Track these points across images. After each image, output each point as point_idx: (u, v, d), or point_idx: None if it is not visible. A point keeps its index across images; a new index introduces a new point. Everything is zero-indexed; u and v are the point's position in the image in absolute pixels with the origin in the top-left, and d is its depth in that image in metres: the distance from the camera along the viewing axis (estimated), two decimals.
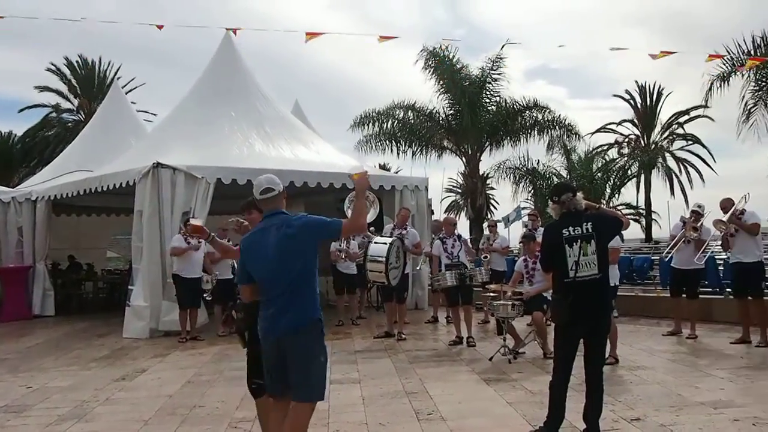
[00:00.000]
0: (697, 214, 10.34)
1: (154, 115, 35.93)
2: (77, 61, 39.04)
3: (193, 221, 6.36)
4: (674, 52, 13.66)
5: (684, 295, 10.62)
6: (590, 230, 5.35)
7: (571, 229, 5.38)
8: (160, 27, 11.94)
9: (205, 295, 11.76)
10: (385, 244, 10.58)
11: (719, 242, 10.35)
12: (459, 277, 10.37)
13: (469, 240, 12.63)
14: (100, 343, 11.70)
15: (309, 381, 4.34)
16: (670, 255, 10.78)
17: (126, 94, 25.80)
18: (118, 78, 36.84)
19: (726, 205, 9.74)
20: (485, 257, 12.31)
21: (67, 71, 38.98)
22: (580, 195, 5.54)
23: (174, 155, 12.82)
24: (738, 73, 17.48)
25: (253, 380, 4.88)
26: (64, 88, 39.12)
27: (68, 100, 39.38)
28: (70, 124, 38.10)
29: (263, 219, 4.59)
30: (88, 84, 38.90)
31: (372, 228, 11.86)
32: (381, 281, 10.54)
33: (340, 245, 12.91)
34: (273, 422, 4.58)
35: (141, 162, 12.73)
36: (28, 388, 8.15)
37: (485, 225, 14.22)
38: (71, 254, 18.86)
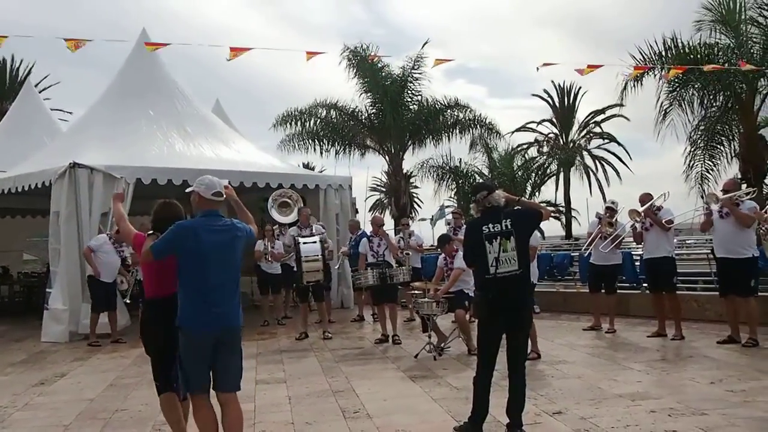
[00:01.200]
0: (612, 210, 10.70)
1: (70, 113, 34.88)
2: None
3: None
4: (600, 66, 13.91)
5: (602, 291, 10.94)
6: (509, 227, 5.44)
7: (490, 225, 5.46)
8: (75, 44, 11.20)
9: (125, 299, 11.50)
10: (315, 242, 10.77)
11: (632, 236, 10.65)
12: (380, 276, 10.48)
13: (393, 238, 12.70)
14: (17, 348, 11.35)
15: (241, 371, 4.85)
16: (588, 251, 11.07)
17: (40, 92, 24.99)
18: (29, 74, 35.69)
19: (644, 198, 10.07)
20: (407, 254, 12.42)
21: None
22: (498, 192, 5.62)
23: (91, 155, 12.49)
24: (651, 73, 18.01)
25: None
26: None
27: None
28: None
29: (203, 215, 4.81)
30: None
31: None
32: (316, 280, 10.69)
33: (264, 246, 12.82)
34: (203, 420, 4.72)
35: (57, 162, 12.39)
36: None
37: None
38: None
